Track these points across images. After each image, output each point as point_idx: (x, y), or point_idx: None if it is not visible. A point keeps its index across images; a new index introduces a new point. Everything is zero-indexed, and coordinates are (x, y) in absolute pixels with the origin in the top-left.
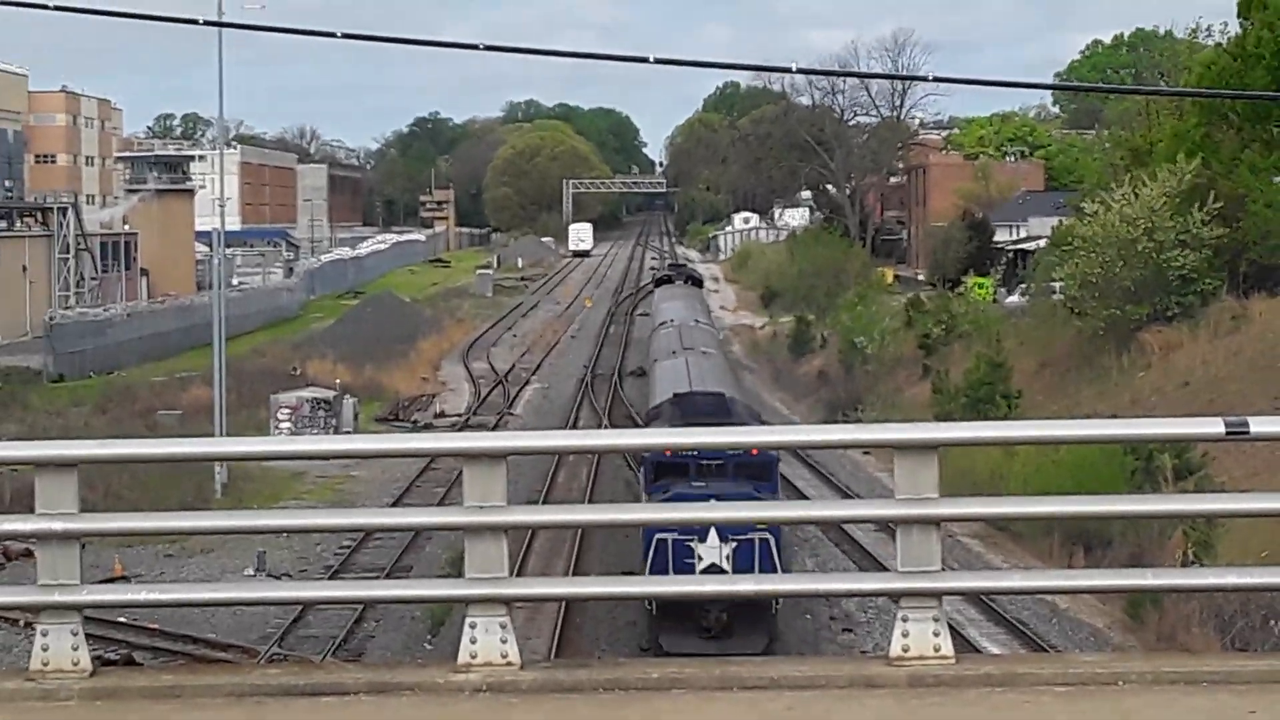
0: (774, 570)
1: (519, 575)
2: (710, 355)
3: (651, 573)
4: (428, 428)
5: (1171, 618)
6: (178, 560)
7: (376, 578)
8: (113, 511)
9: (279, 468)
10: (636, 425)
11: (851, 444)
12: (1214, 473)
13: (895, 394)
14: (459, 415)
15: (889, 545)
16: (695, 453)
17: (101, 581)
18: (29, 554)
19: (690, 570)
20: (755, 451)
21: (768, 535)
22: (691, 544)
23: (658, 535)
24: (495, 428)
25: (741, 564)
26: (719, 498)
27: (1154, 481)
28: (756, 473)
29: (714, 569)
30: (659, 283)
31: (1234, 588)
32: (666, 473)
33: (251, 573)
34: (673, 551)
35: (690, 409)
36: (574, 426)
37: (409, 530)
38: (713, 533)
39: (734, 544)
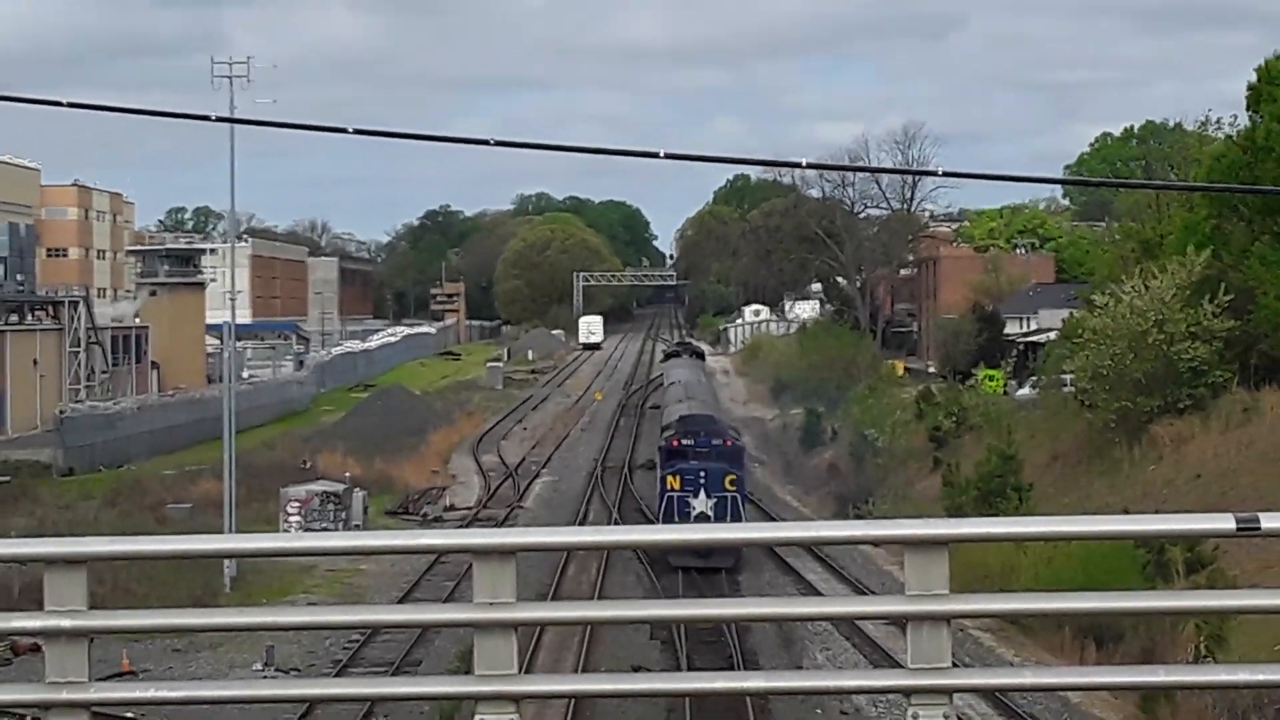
0: (740, 514)
1: (528, 671)
2: (706, 402)
3: (664, 514)
4: (437, 521)
5: (1185, 713)
6: (185, 655)
7: (385, 673)
8: (122, 608)
9: (288, 561)
10: (647, 519)
11: (862, 540)
12: (1226, 566)
13: (906, 487)
14: (469, 508)
15: (900, 640)
16: (692, 442)
17: (109, 677)
18: (37, 648)
19: (688, 512)
20: (729, 442)
21: (736, 494)
22: (689, 499)
23: (668, 494)
24: (505, 521)
25: (719, 513)
26: (706, 471)
27: (1166, 574)
28: (731, 457)
29: (702, 515)
30: (669, 355)
31: (1246, 684)
32: (674, 455)
33: (260, 667)
34: (678, 504)
35: (691, 423)
36: (584, 520)
37: (418, 627)
38: (701, 492)
39: (715, 499)
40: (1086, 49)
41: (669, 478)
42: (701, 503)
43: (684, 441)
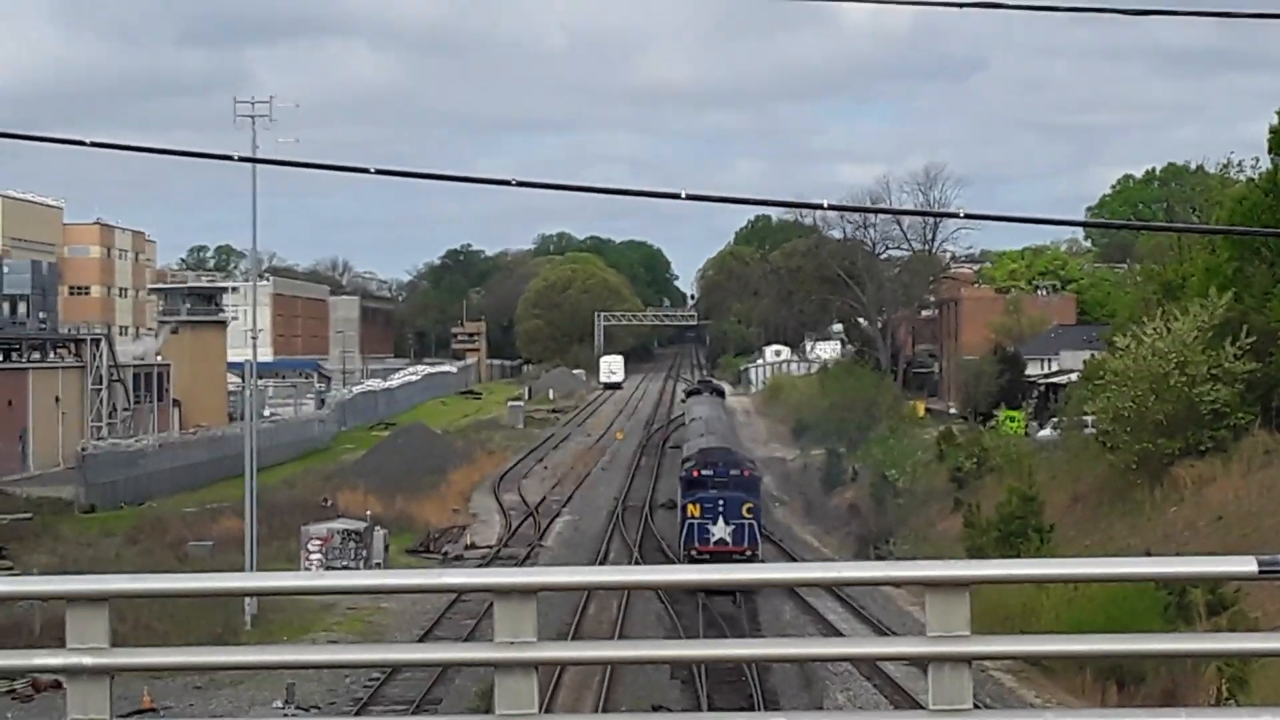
0: (756, 540)
1: (548, 711)
2: (725, 436)
3: (684, 540)
4: (458, 560)
5: None
6: (206, 692)
7: (405, 712)
8: (144, 646)
9: (309, 600)
10: (668, 558)
11: (883, 581)
12: (1248, 608)
13: (927, 527)
14: (490, 547)
15: (921, 680)
16: (711, 473)
17: (130, 715)
18: (58, 685)
19: (707, 538)
20: (746, 473)
21: (753, 521)
22: (709, 525)
23: (688, 521)
24: (526, 560)
25: (737, 539)
26: (724, 499)
27: (1187, 617)
28: (748, 486)
29: (721, 540)
30: (690, 393)
31: None
32: (694, 485)
33: (281, 705)
34: (698, 530)
35: (711, 454)
36: (604, 559)
37: (438, 666)
38: (720, 519)
39: (733, 526)
40: (1109, 92)
41: (689, 506)
42: (720, 529)
43: (704, 472)
